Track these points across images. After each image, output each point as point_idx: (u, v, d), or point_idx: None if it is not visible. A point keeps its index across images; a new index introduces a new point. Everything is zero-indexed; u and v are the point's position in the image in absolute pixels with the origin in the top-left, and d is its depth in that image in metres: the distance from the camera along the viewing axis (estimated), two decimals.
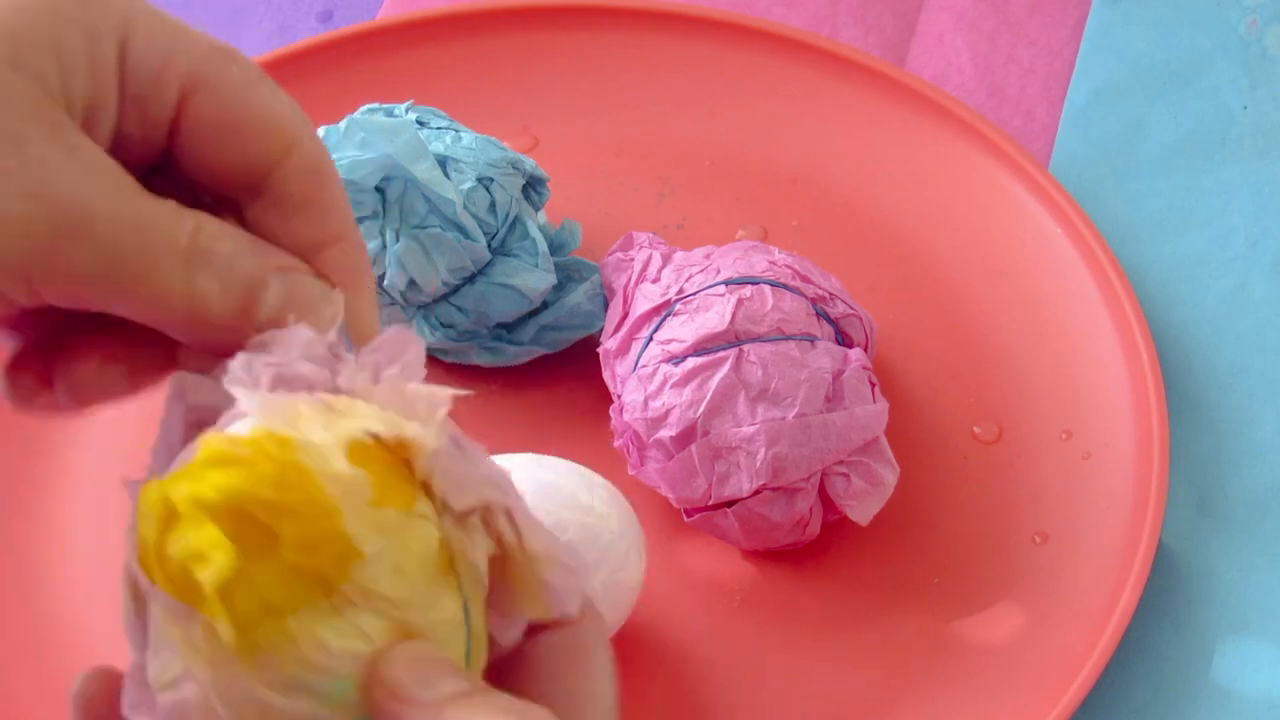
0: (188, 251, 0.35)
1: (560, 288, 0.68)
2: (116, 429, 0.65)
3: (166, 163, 0.36)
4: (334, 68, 0.76)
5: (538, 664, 0.36)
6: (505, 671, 0.36)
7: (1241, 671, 0.63)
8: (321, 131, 0.66)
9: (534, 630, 0.37)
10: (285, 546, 0.33)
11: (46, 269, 0.34)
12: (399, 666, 0.33)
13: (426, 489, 0.35)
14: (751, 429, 0.60)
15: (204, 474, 0.33)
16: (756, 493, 0.61)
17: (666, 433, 0.61)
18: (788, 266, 0.64)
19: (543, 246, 0.67)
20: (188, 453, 0.34)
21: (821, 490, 0.62)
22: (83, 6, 0.34)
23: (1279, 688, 0.62)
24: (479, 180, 0.66)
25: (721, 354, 0.61)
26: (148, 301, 0.35)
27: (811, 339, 0.62)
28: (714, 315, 0.62)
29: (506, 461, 0.60)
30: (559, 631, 0.37)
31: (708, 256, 0.65)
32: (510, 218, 0.67)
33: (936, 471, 0.66)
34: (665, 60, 0.76)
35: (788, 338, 0.62)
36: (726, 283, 0.63)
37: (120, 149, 0.35)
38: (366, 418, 0.34)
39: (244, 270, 0.35)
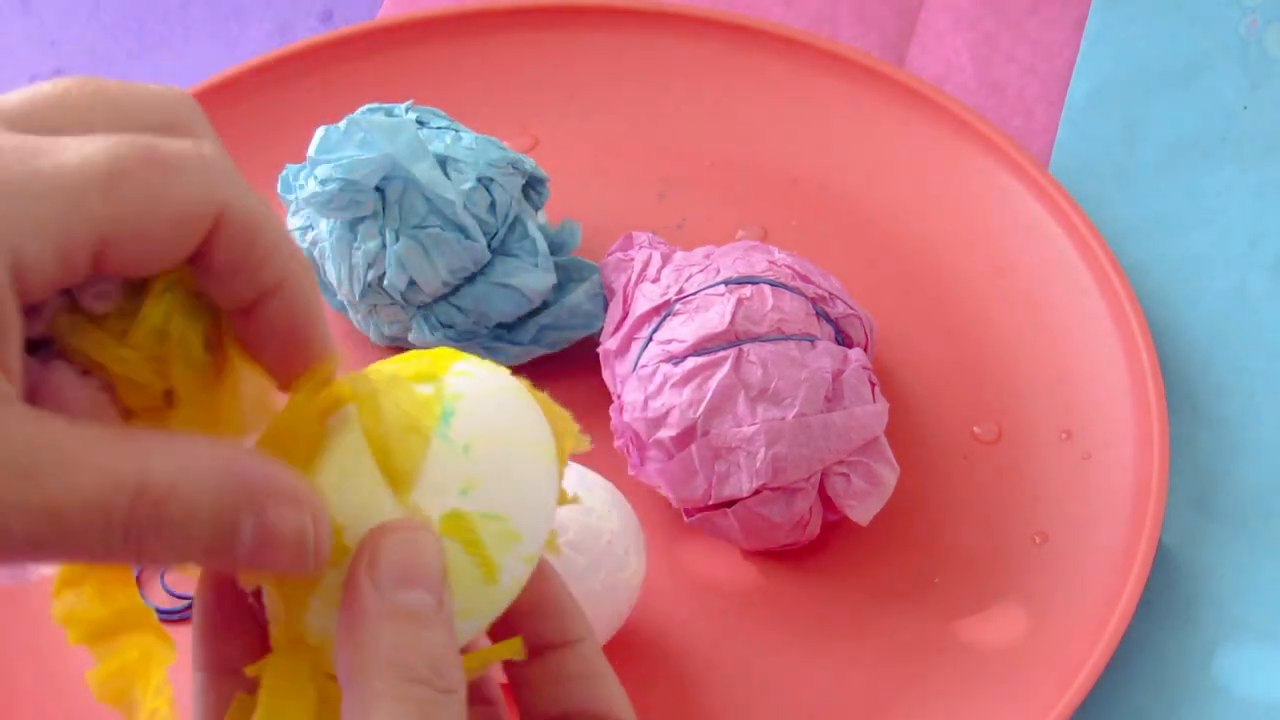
0: (127, 528, 0.32)
1: (560, 288, 0.68)
2: None
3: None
4: (334, 68, 0.76)
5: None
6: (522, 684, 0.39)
7: (1241, 671, 0.63)
8: (321, 131, 0.66)
9: (543, 649, 0.39)
10: None
11: None
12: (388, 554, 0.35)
13: None
14: (751, 429, 0.60)
15: None
16: (756, 493, 0.61)
17: (666, 433, 0.61)
18: (788, 266, 0.64)
19: (543, 246, 0.67)
20: None
21: (821, 490, 0.62)
22: None
23: (1279, 688, 0.62)
24: (479, 180, 0.66)
25: (721, 354, 0.61)
26: (92, 561, 0.34)
27: (811, 339, 0.62)
28: (714, 315, 0.62)
29: None
30: (570, 648, 0.40)
31: (708, 256, 0.65)
32: (510, 218, 0.67)
33: (936, 471, 0.66)
34: (665, 60, 0.76)
35: (788, 338, 0.62)
36: (726, 283, 0.63)
37: (29, 326, 0.33)
38: None
39: (206, 524, 0.33)
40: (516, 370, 0.69)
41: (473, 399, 0.38)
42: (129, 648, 0.37)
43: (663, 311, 0.64)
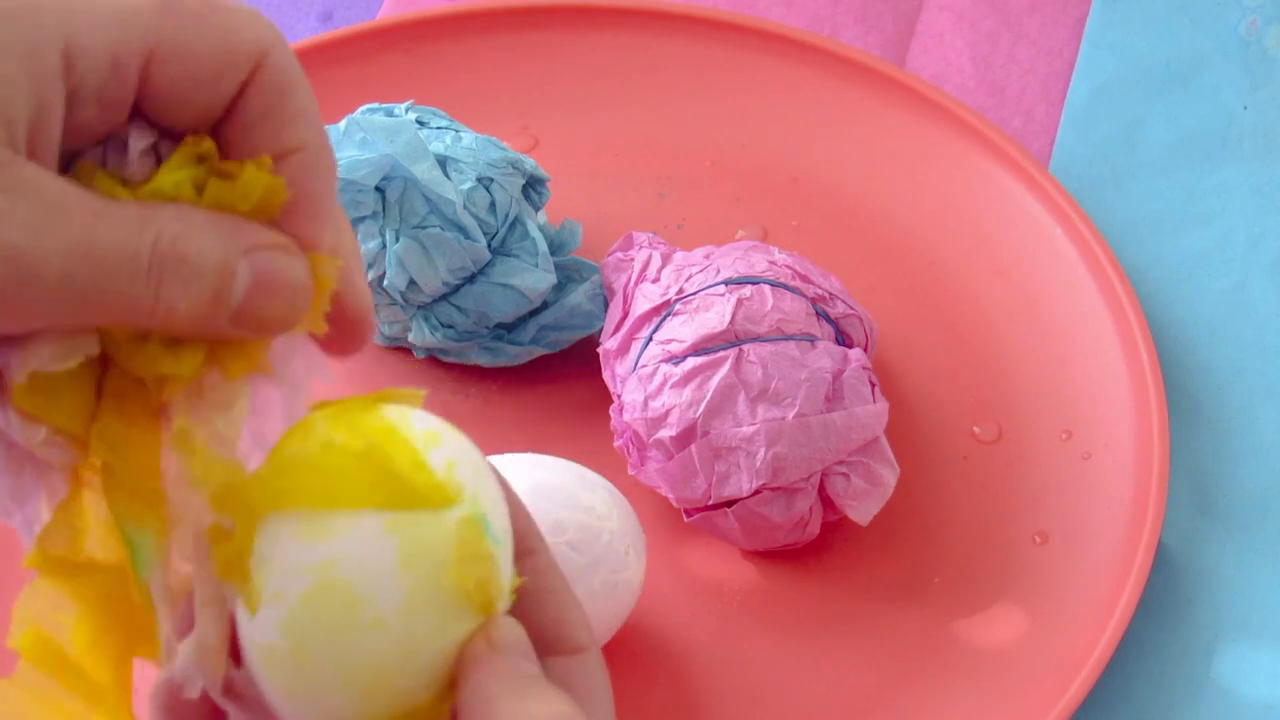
0: (149, 269, 0.35)
1: (560, 288, 0.68)
2: None
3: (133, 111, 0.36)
4: (334, 68, 0.76)
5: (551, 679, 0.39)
6: None
7: (1241, 671, 0.63)
8: None
9: (541, 651, 0.39)
10: None
11: (8, 314, 0.34)
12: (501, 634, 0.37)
13: None
14: (751, 429, 0.60)
15: None
16: (756, 493, 0.61)
17: (666, 433, 0.61)
18: (788, 266, 0.64)
19: (543, 246, 0.67)
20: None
21: (821, 490, 0.62)
22: (14, 26, 0.33)
23: (1279, 688, 0.62)
24: (479, 180, 0.66)
25: (721, 354, 0.61)
26: (114, 318, 0.35)
27: (811, 339, 0.62)
28: (714, 315, 0.62)
29: (507, 461, 0.60)
30: (570, 657, 0.39)
31: (708, 256, 0.65)
32: (510, 218, 0.67)
33: (936, 471, 0.66)
34: (665, 60, 0.76)
35: (788, 338, 0.62)
36: (726, 283, 0.63)
37: (74, 134, 0.35)
38: None
39: (210, 265, 0.35)
40: (516, 370, 0.70)
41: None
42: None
43: (663, 311, 0.64)
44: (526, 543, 0.40)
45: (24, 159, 0.34)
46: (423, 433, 0.38)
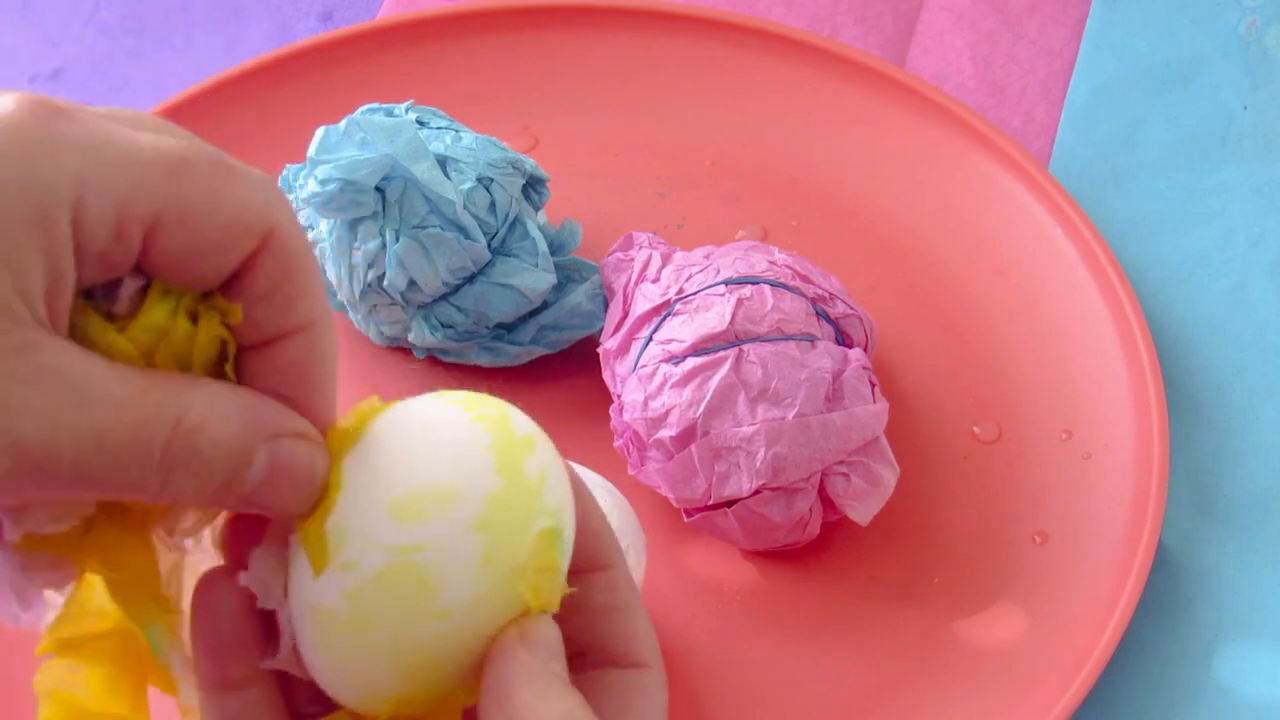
0: (160, 463, 0.34)
1: (560, 288, 0.68)
2: None
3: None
4: (334, 68, 0.76)
5: (603, 693, 0.39)
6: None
7: (1241, 671, 0.63)
8: (321, 131, 0.66)
9: (604, 663, 0.39)
10: None
11: (16, 496, 0.34)
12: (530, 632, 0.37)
13: None
14: (751, 429, 0.60)
15: None
16: (756, 493, 0.61)
17: (666, 433, 0.61)
18: (788, 266, 0.64)
19: (543, 246, 0.67)
20: None
21: (821, 490, 0.62)
22: (26, 191, 0.33)
23: (1279, 688, 0.62)
24: (479, 180, 0.66)
25: (721, 354, 0.61)
26: (119, 497, 0.35)
27: (811, 339, 0.62)
28: (714, 315, 0.62)
29: None
30: (631, 671, 0.39)
31: (708, 256, 0.65)
32: (510, 218, 0.67)
33: (936, 471, 0.66)
34: (665, 60, 0.76)
35: (788, 338, 0.62)
36: (726, 283, 0.63)
37: (84, 282, 0.35)
38: None
39: (226, 457, 0.35)
40: (516, 370, 0.70)
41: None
42: None
43: (663, 311, 0.64)
44: (603, 558, 0.40)
45: (46, 336, 0.33)
46: (521, 436, 0.38)
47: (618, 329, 0.65)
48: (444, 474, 0.37)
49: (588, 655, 0.40)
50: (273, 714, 0.39)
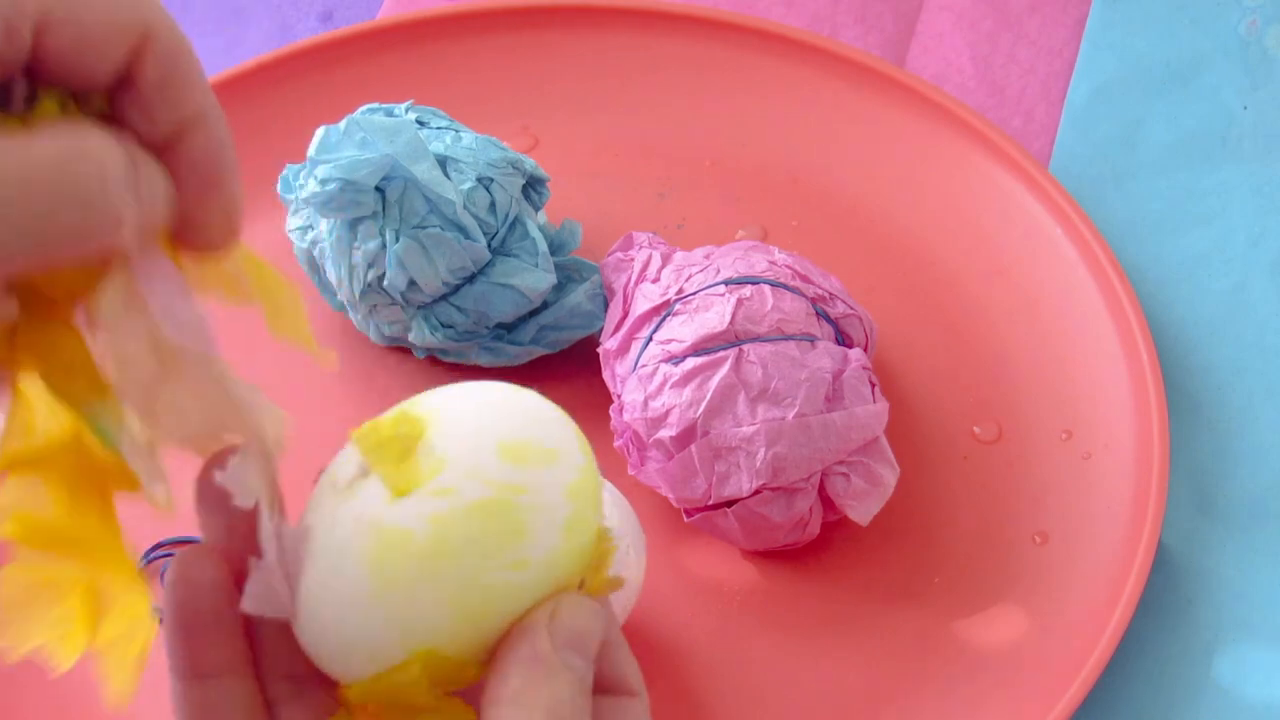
0: (91, 192, 0.35)
1: (560, 288, 0.68)
2: None
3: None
4: (334, 68, 0.76)
5: (594, 716, 0.39)
6: None
7: (1241, 671, 0.63)
8: (321, 131, 0.66)
9: (596, 691, 0.40)
10: None
11: None
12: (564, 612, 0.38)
13: None
14: (751, 429, 0.60)
15: None
16: (756, 493, 0.61)
17: (666, 433, 0.61)
18: (788, 266, 0.64)
19: (543, 246, 0.67)
20: None
21: (821, 490, 0.62)
22: None
23: (1279, 688, 0.62)
24: (479, 180, 0.66)
25: (721, 354, 0.61)
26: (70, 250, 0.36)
27: (811, 339, 0.62)
28: (714, 315, 0.62)
29: None
30: (623, 699, 0.40)
31: (708, 256, 0.65)
32: (510, 218, 0.67)
33: (936, 471, 0.66)
34: (665, 60, 0.76)
35: (788, 338, 0.62)
36: (726, 283, 0.63)
37: None
38: None
39: (122, 188, 0.36)
40: (516, 370, 0.70)
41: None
42: (115, 615, 0.37)
43: (663, 311, 0.64)
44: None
45: None
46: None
47: (618, 329, 0.65)
48: (547, 434, 0.38)
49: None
50: (248, 705, 0.39)
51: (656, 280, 0.65)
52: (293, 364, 0.70)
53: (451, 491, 0.37)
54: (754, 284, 0.63)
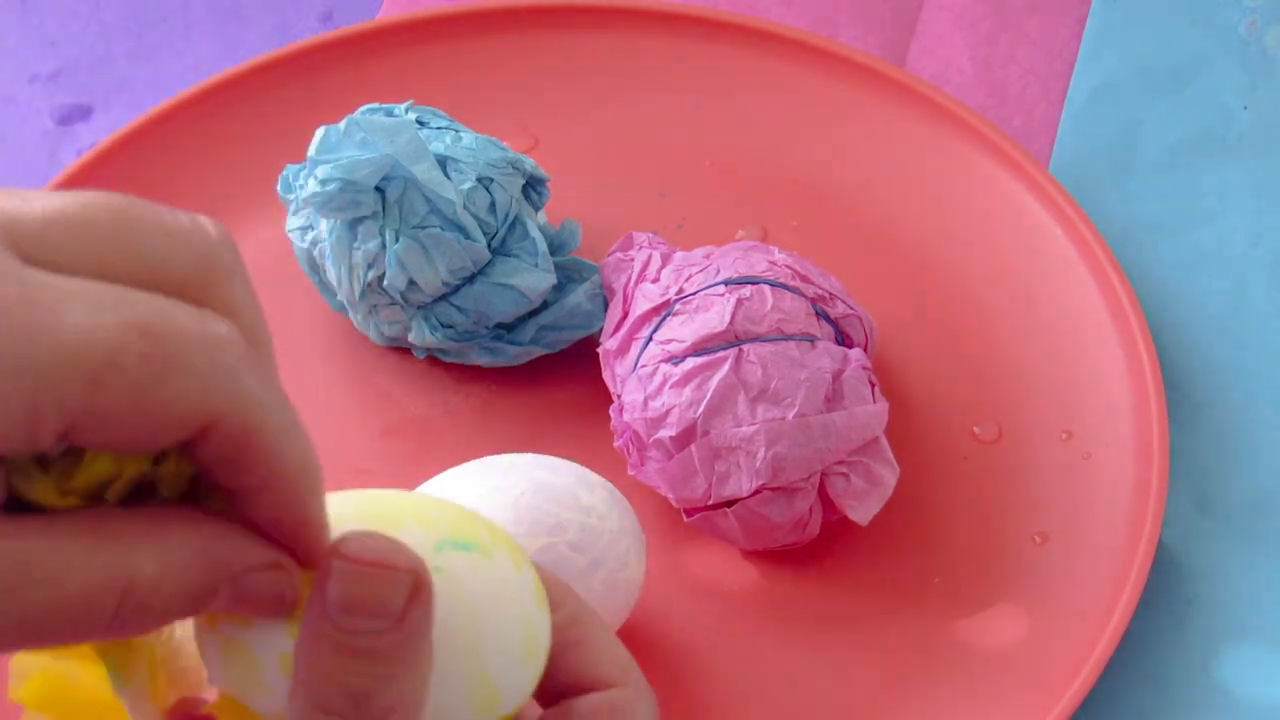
0: (113, 622, 0.32)
1: (560, 288, 0.68)
2: None
3: None
4: (334, 68, 0.76)
5: (575, 716, 0.39)
6: None
7: (1242, 671, 0.63)
8: (321, 131, 0.66)
9: (576, 692, 0.39)
10: None
11: None
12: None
13: None
14: (751, 429, 0.60)
15: None
16: (756, 493, 0.61)
17: (666, 433, 0.61)
18: (787, 266, 0.64)
19: (543, 246, 0.67)
20: None
21: (821, 490, 0.62)
22: None
23: (1279, 688, 0.62)
24: (479, 180, 0.66)
25: (721, 354, 0.61)
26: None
27: (811, 339, 0.62)
28: (713, 315, 0.62)
29: (507, 461, 0.60)
30: (602, 692, 0.39)
31: (707, 256, 0.65)
32: (510, 218, 0.67)
33: (936, 471, 0.66)
34: (665, 60, 0.76)
35: (787, 338, 0.62)
36: (726, 283, 0.63)
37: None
38: None
39: (180, 609, 0.33)
40: (516, 370, 0.70)
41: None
42: None
43: (662, 311, 0.64)
44: (554, 598, 0.40)
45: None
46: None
47: (618, 329, 0.65)
48: None
49: (562, 692, 0.40)
50: None
51: (656, 280, 0.65)
52: (293, 364, 0.70)
53: None
54: (754, 284, 0.63)
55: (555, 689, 0.40)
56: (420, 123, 0.67)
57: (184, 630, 0.38)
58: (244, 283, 0.34)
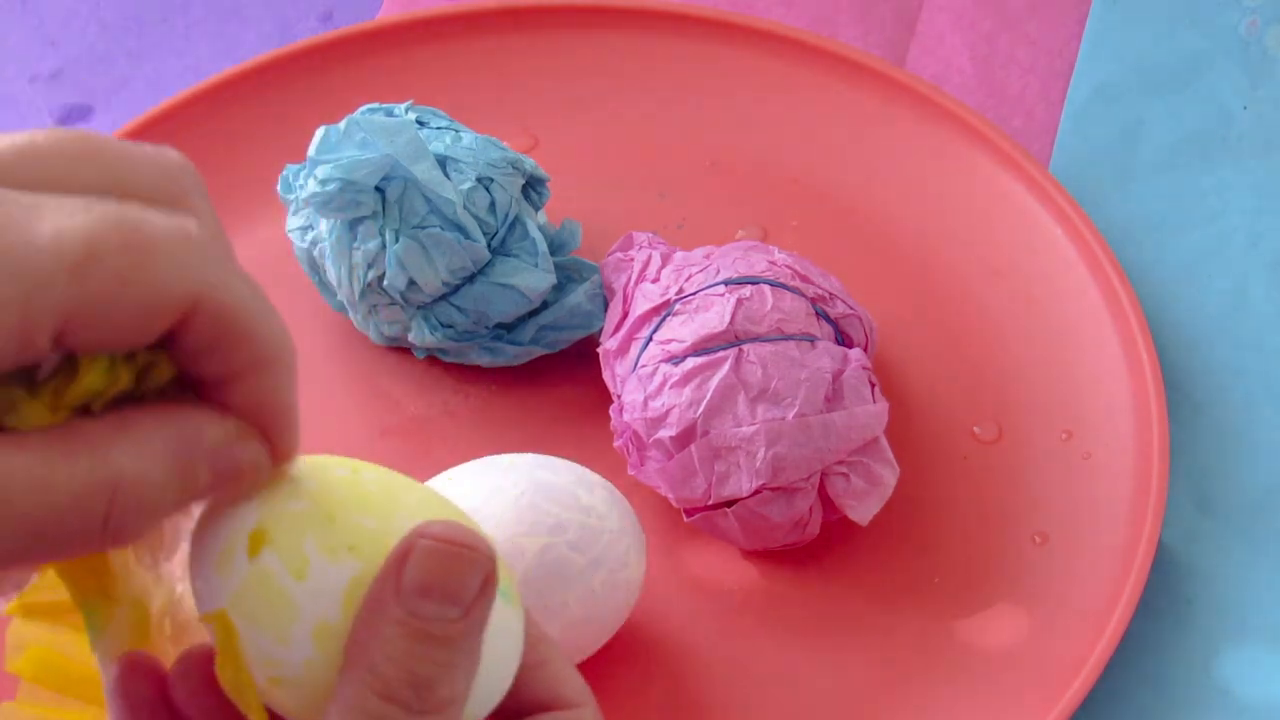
0: (106, 527, 0.33)
1: (560, 288, 0.68)
2: None
3: None
4: (334, 68, 0.76)
5: None
6: None
7: (1242, 671, 0.63)
8: (321, 131, 0.66)
9: (542, 709, 0.39)
10: None
11: None
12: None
13: None
14: (751, 429, 0.60)
15: None
16: (756, 493, 0.61)
17: (666, 433, 0.61)
18: (787, 266, 0.64)
19: (543, 246, 0.67)
20: None
21: (821, 490, 0.62)
22: None
23: (1279, 688, 0.62)
24: (479, 180, 0.66)
25: (721, 354, 0.61)
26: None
27: (811, 339, 0.62)
28: (713, 315, 0.62)
29: (507, 461, 0.60)
30: (562, 712, 0.39)
31: (707, 256, 0.65)
32: (510, 218, 0.67)
33: (936, 471, 0.66)
34: (665, 60, 0.76)
35: (787, 338, 0.62)
36: (726, 283, 0.63)
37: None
38: None
39: (171, 497, 0.34)
40: (516, 370, 0.70)
41: None
42: None
43: (662, 311, 0.64)
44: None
45: None
46: None
47: (618, 329, 0.65)
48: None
49: (521, 709, 0.40)
50: None
51: (656, 280, 0.65)
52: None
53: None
54: (754, 284, 0.63)
55: (516, 706, 0.40)
56: (420, 123, 0.67)
57: (185, 586, 0.39)
58: (207, 201, 0.35)
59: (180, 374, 0.35)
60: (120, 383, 0.34)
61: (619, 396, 0.64)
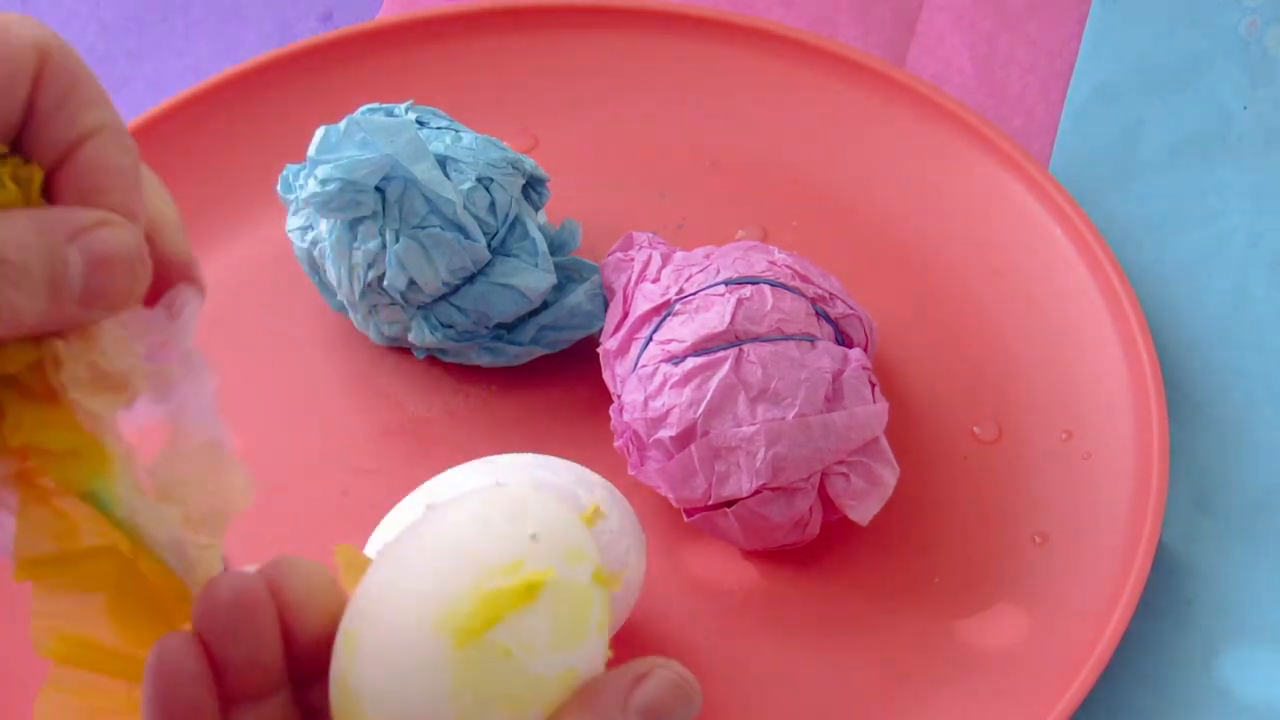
0: None
1: (560, 288, 0.68)
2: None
3: None
4: (334, 68, 0.76)
5: None
6: None
7: (1242, 671, 0.63)
8: (321, 131, 0.66)
9: None
10: None
11: None
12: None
13: None
14: (751, 429, 0.60)
15: None
16: (756, 493, 0.61)
17: (666, 433, 0.61)
18: (787, 266, 0.64)
19: (543, 246, 0.67)
20: None
21: (821, 490, 0.62)
22: None
23: (1279, 688, 0.62)
24: (479, 180, 0.66)
25: (721, 354, 0.61)
26: None
27: (811, 339, 0.62)
28: (714, 315, 0.62)
29: (507, 461, 0.60)
30: (645, 659, 0.39)
31: (707, 256, 0.65)
32: (510, 218, 0.67)
33: (936, 471, 0.66)
34: (665, 60, 0.76)
35: (787, 338, 0.62)
36: (726, 283, 0.63)
37: None
38: None
39: (38, 262, 0.36)
40: (516, 370, 0.70)
41: None
42: None
43: (663, 311, 0.64)
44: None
45: None
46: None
47: (618, 329, 0.65)
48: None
49: None
50: None
51: (656, 280, 0.65)
52: (293, 365, 0.70)
53: None
54: (754, 284, 0.63)
55: None
56: (420, 123, 0.67)
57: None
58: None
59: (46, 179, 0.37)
60: (8, 195, 0.36)
61: (619, 396, 0.64)
